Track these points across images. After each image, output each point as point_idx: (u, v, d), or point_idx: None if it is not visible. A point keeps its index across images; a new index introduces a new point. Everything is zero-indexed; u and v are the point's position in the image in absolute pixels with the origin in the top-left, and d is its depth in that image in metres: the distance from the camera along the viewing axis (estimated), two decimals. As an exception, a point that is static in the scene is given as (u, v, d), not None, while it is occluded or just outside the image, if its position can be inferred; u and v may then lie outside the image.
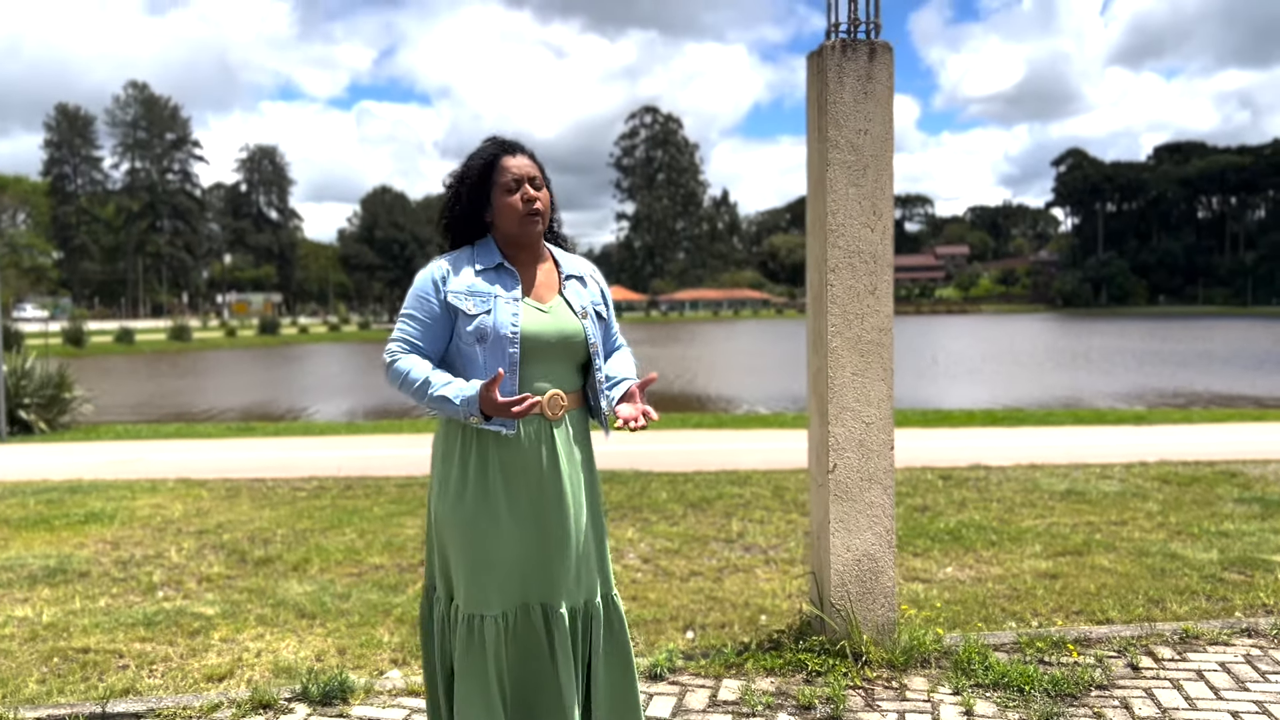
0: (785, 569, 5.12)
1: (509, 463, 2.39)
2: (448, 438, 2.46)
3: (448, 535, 2.42)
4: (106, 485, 7.92)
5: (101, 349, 46.06)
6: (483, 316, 2.38)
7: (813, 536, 3.18)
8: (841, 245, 3.00)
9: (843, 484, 2.99)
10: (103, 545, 5.82)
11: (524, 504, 2.41)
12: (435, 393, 2.31)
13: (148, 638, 4.14)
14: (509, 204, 2.43)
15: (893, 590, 3.06)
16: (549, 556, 2.42)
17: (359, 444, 10.83)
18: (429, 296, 2.43)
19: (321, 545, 5.70)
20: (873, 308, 3.03)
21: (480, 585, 2.38)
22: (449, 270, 2.45)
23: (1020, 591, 4.65)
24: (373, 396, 24.30)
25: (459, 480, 2.40)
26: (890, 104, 2.99)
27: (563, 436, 2.45)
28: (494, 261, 2.46)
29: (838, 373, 2.99)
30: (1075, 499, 6.74)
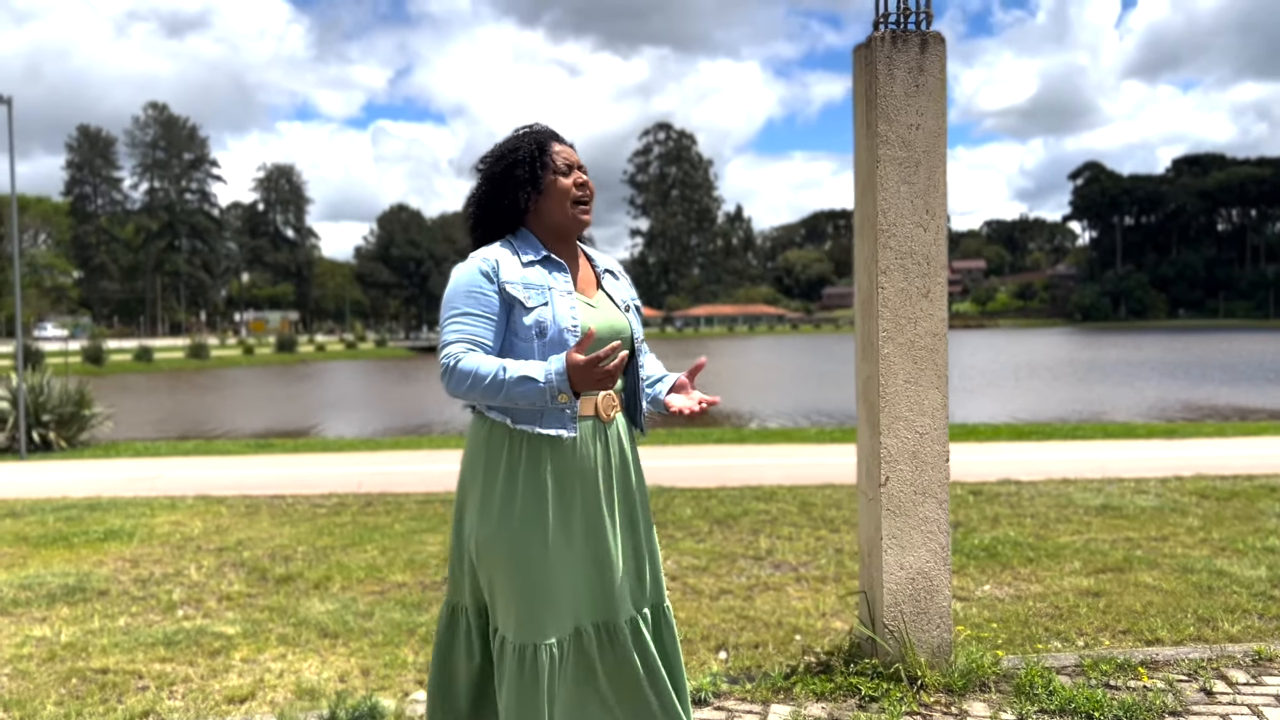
0: (817, 587, 4.97)
1: (565, 471, 2.22)
2: (490, 450, 2.24)
3: (492, 561, 2.22)
4: (125, 502, 7.84)
5: (121, 367, 46.29)
6: (541, 309, 2.19)
7: (862, 553, 3.03)
8: (893, 246, 2.87)
9: (895, 498, 2.85)
10: (122, 563, 5.73)
11: (579, 516, 2.24)
12: (514, 375, 2.06)
13: (168, 658, 4.03)
14: (562, 188, 2.28)
15: (948, 610, 2.91)
16: (605, 572, 2.26)
17: (378, 460, 10.74)
18: (482, 289, 2.20)
19: (343, 563, 5.59)
20: (926, 311, 2.89)
21: (533, 613, 2.19)
22: (497, 261, 2.24)
23: (1063, 610, 4.49)
24: (390, 414, 24.30)
25: (505, 497, 2.20)
26: (943, 97, 2.87)
27: (615, 438, 2.31)
28: (539, 253, 2.28)
29: (889, 380, 2.86)
30: (1111, 514, 6.56)
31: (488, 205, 2.32)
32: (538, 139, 2.31)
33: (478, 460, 2.26)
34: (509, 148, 2.31)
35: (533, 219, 2.33)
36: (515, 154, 2.29)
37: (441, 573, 5.35)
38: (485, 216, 2.34)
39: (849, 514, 6.73)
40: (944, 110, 2.86)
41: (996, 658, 3.15)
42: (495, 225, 2.33)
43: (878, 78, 2.87)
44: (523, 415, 2.20)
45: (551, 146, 2.30)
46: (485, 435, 2.26)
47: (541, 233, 2.32)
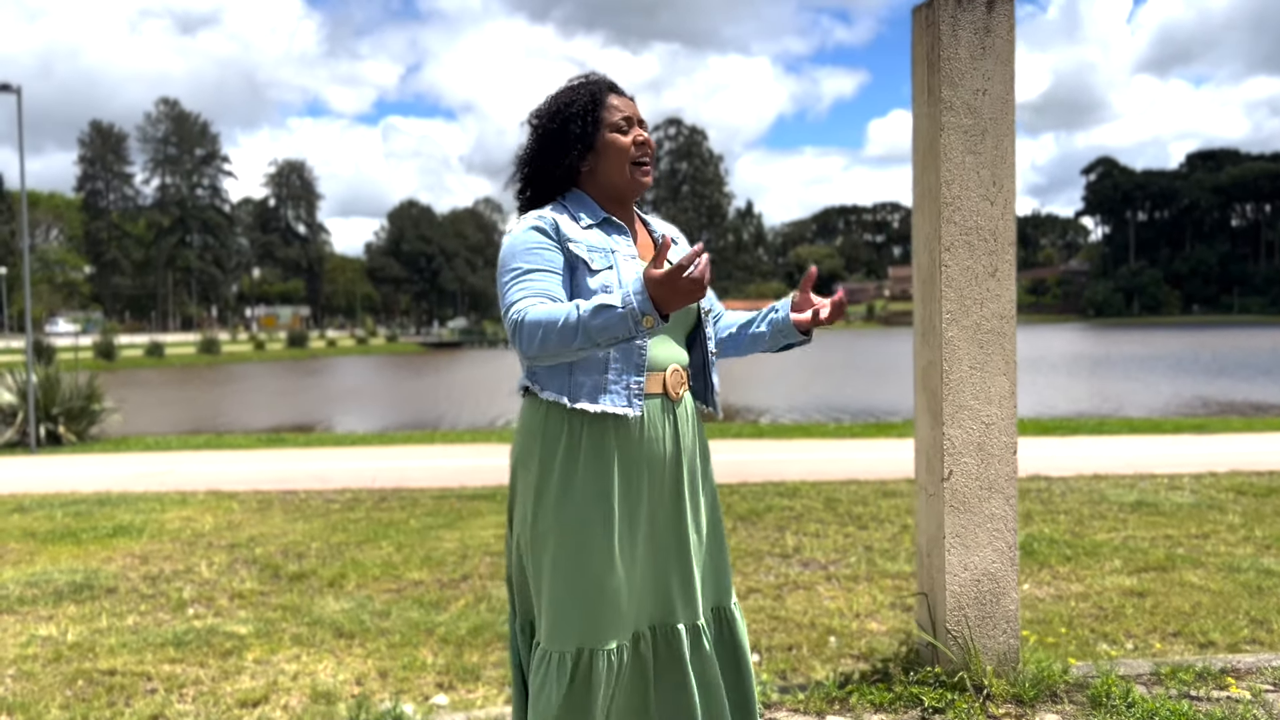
0: (849, 586, 4.80)
1: (631, 456, 1.99)
2: (546, 433, 2.00)
3: (547, 556, 1.98)
4: (135, 497, 7.71)
5: (132, 362, 46.36)
6: (606, 273, 1.98)
7: (920, 552, 2.84)
8: (957, 221, 2.67)
9: (960, 493, 2.65)
10: (131, 559, 5.58)
11: (645, 507, 2.01)
12: (589, 308, 1.79)
13: (177, 659, 3.88)
14: (620, 145, 2.06)
15: (1016, 614, 2.71)
16: (670, 570, 2.04)
17: (391, 455, 10.59)
18: (545, 245, 1.97)
19: (358, 560, 5.44)
20: (993, 292, 2.70)
21: (592, 615, 1.95)
22: (555, 221, 2.01)
23: (1108, 610, 4.31)
24: (402, 409, 24.21)
25: (562, 485, 1.97)
26: (1011, 61, 2.67)
27: (684, 418, 2.08)
28: (598, 215, 2.07)
29: (954, 366, 2.66)
30: (1147, 511, 6.37)
31: (538, 164, 2.10)
32: (593, 91, 2.08)
33: (532, 445, 2.02)
34: (562, 101, 2.08)
35: (587, 180, 2.11)
36: (569, 108, 2.06)
37: (460, 569, 5.19)
38: (535, 176, 2.12)
39: (875, 510, 6.55)
40: (1012, 75, 2.66)
41: (1067, 665, 2.94)
42: (546, 186, 2.11)
43: (940, 39, 2.67)
44: (582, 390, 1.97)
45: (608, 99, 2.08)
46: (541, 417, 2.02)
47: (597, 195, 2.11)
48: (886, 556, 5.29)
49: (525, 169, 2.13)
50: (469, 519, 6.57)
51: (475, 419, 19.41)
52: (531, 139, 2.12)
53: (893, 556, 5.28)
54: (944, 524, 2.65)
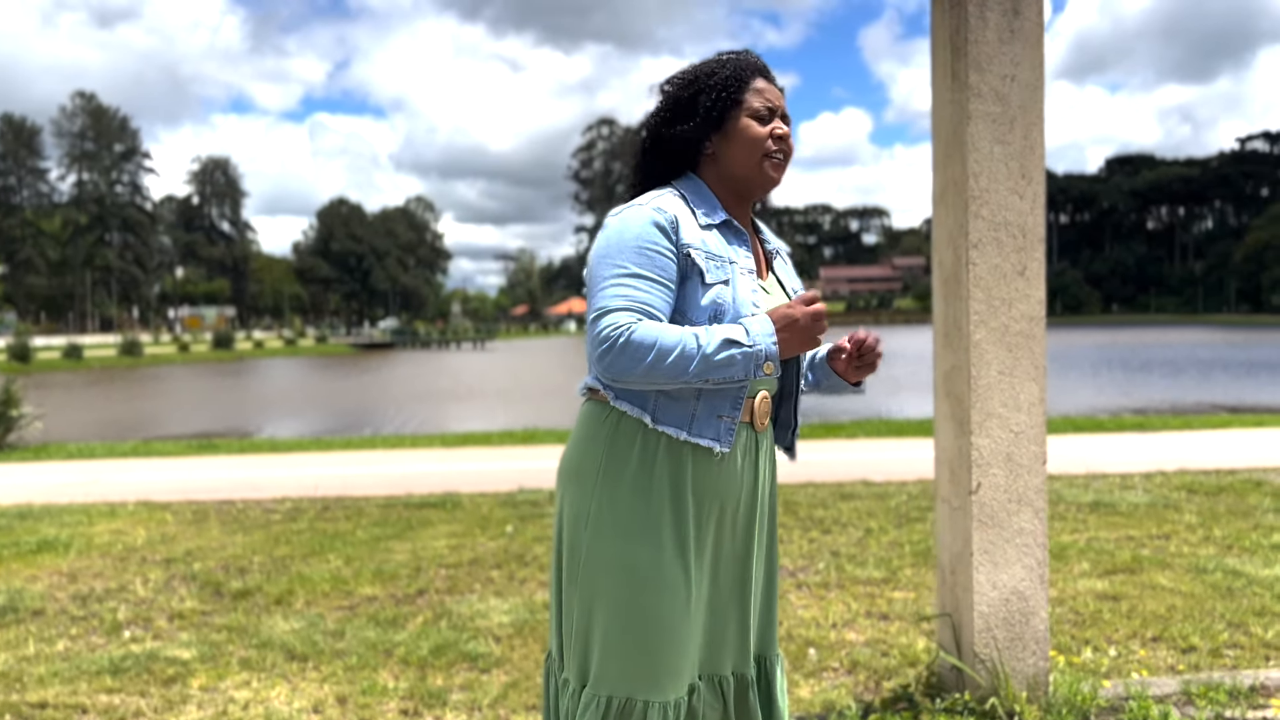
0: (820, 594, 4.68)
1: (707, 490, 1.76)
2: (615, 446, 1.75)
3: (601, 583, 1.74)
4: (60, 510, 7.28)
5: (48, 365, 44.72)
6: (719, 289, 1.73)
7: (943, 570, 2.69)
8: (985, 216, 2.53)
9: (988, 507, 2.51)
10: (58, 578, 5.23)
11: (713, 546, 1.80)
12: (712, 341, 1.62)
13: (115, 688, 3.59)
14: (755, 136, 1.81)
15: (1045, 635, 2.58)
16: (728, 613, 1.84)
17: (331, 461, 10.23)
18: (660, 247, 1.72)
19: (305, 574, 5.16)
20: (1022, 292, 2.56)
21: (650, 662, 1.72)
22: (676, 217, 1.76)
23: (1084, 615, 4.25)
24: (336, 412, 23.65)
25: (630, 506, 1.73)
26: (1041, 45, 2.53)
27: (765, 451, 1.88)
28: (718, 215, 1.83)
29: (982, 371, 2.52)
30: (1106, 511, 6.38)
31: (661, 135, 1.87)
32: (740, 69, 1.85)
33: (595, 455, 1.77)
34: (703, 71, 1.87)
35: (707, 166, 1.88)
36: (707, 79, 1.84)
37: (415, 583, 4.95)
38: (654, 148, 1.89)
39: (836, 513, 6.45)
40: (1042, 60, 2.53)
41: (1098, 687, 2.82)
42: (663, 162, 1.89)
43: (967, 20, 2.52)
44: (668, 414, 1.73)
45: (754, 82, 1.85)
46: (610, 429, 1.77)
47: (717, 187, 1.87)
48: (855, 562, 5.19)
49: (645, 139, 1.91)
50: (419, 529, 6.32)
51: (414, 422, 19.01)
52: (658, 106, 1.89)
53: (860, 562, 5.18)
54: (971, 540, 2.51)
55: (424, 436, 13.23)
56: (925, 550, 5.36)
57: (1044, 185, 2.57)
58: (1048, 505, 6.45)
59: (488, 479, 8.46)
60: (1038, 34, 2.52)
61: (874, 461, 9.07)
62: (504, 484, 8.07)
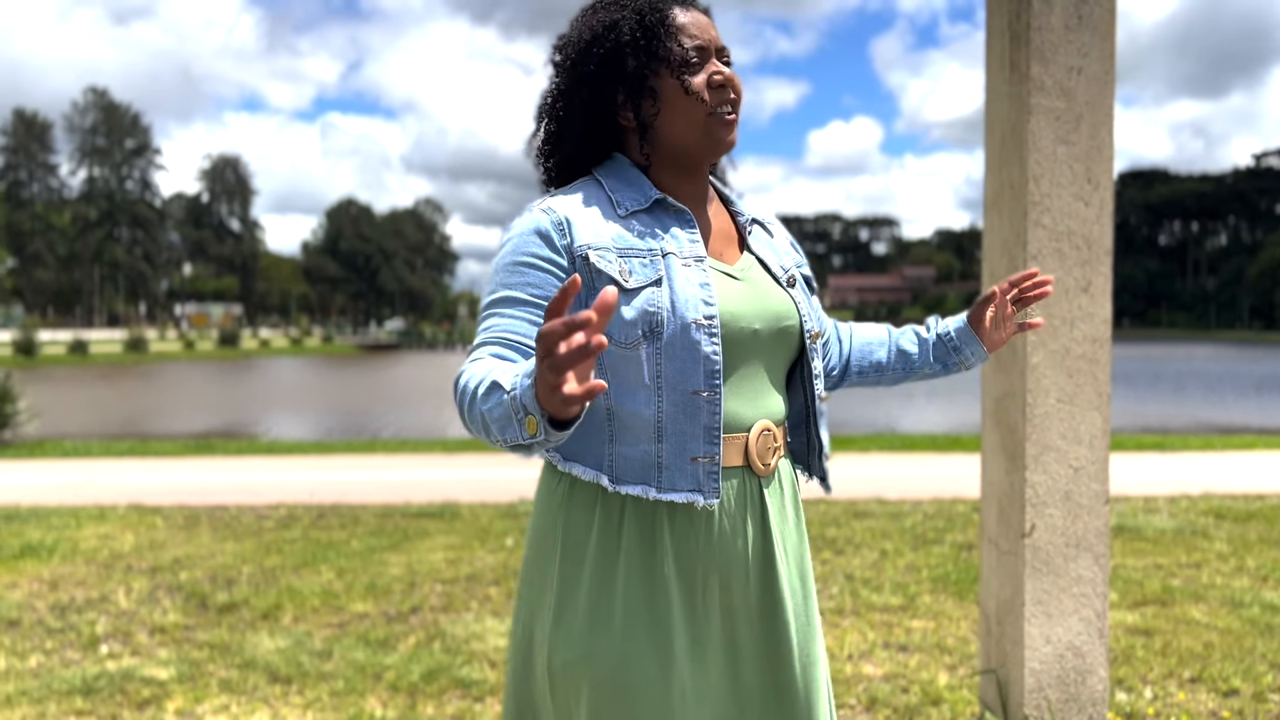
0: (834, 621, 4.44)
1: (695, 559, 1.34)
2: (569, 520, 1.36)
3: (573, 686, 1.33)
4: (49, 512, 7.07)
5: (54, 360, 44.65)
6: (650, 292, 1.30)
7: (987, 620, 2.44)
8: (1046, 224, 2.26)
9: (1042, 551, 2.25)
10: (39, 585, 5.01)
11: (718, 628, 1.36)
12: (483, 383, 1.16)
13: (85, 710, 3.37)
14: (691, 92, 1.35)
15: (1104, 697, 2.32)
16: (754, 709, 1.38)
17: (329, 465, 10.02)
18: (539, 259, 1.31)
19: (294, 587, 4.94)
20: (1086, 310, 2.29)
21: None
22: (566, 217, 1.33)
23: (1116, 652, 4.00)
24: (339, 414, 23.45)
25: (595, 598, 1.32)
26: (1113, 34, 2.25)
27: (776, 502, 1.41)
28: (648, 196, 1.37)
29: (1039, 399, 2.25)
30: (1130, 536, 6.13)
31: (566, 121, 1.41)
32: (643, 7, 1.38)
33: (551, 535, 1.38)
34: (599, 24, 1.38)
35: (631, 140, 1.42)
36: (609, 35, 1.37)
37: (409, 600, 4.72)
38: (562, 138, 1.43)
39: (850, 533, 6.21)
40: (1113, 51, 2.27)
41: None
42: (580, 152, 1.43)
43: (1030, 4, 2.24)
44: (629, 470, 1.32)
45: (670, 18, 1.37)
46: (562, 498, 1.37)
47: (652, 161, 1.41)
48: (870, 587, 4.94)
49: (549, 129, 1.44)
50: (415, 540, 6.09)
51: (417, 426, 18.79)
52: (556, 84, 1.43)
53: (876, 587, 4.94)
54: (1024, 588, 2.25)
55: (425, 441, 13.01)
56: (943, 575, 5.11)
57: (1112, 192, 2.31)
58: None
59: (488, 488, 8.23)
60: (1109, 21, 2.25)
61: (887, 478, 8.82)
62: (505, 494, 7.84)
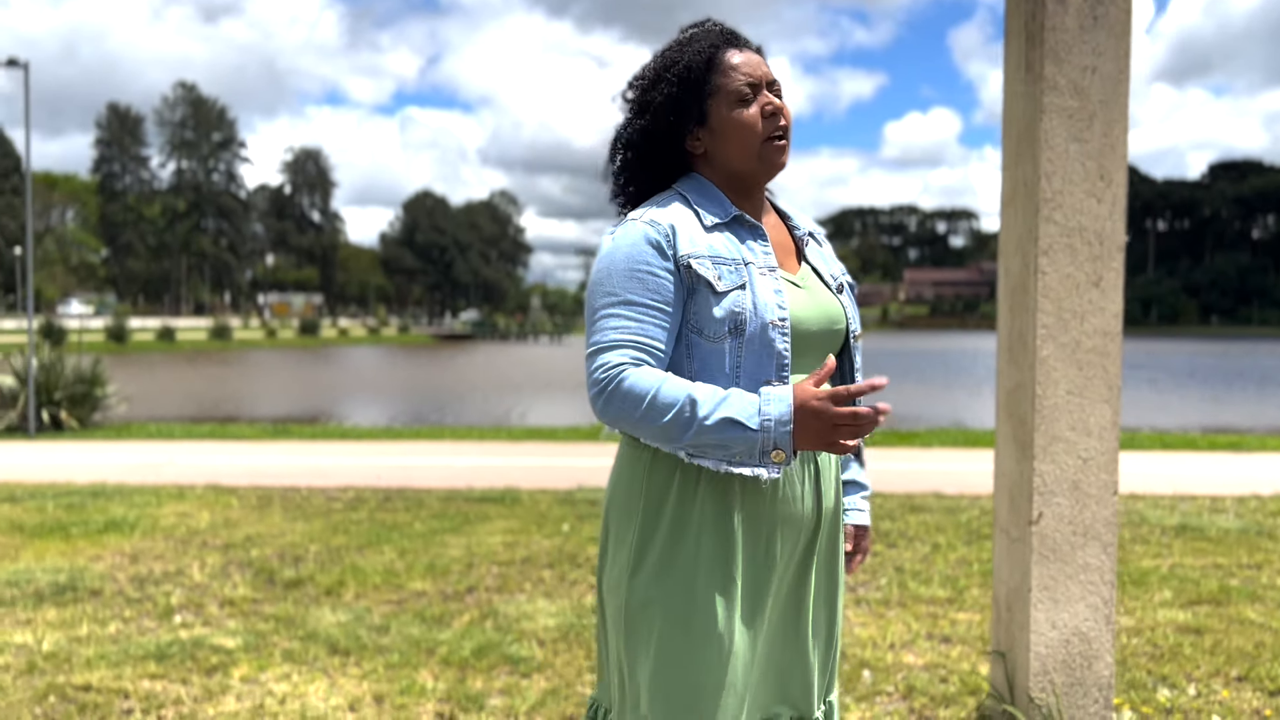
0: (880, 612, 4.48)
1: (761, 518, 1.55)
2: (652, 481, 1.57)
3: (644, 622, 1.55)
4: (132, 490, 7.43)
5: (143, 346, 46.29)
6: (737, 295, 1.52)
7: (998, 605, 2.50)
8: (1058, 220, 2.32)
9: (1050, 539, 2.30)
10: (120, 558, 5.30)
11: (776, 580, 1.59)
12: (712, 416, 1.41)
13: (158, 674, 3.58)
14: (743, 121, 1.58)
15: (1110, 681, 2.37)
16: (785, 651, 1.63)
17: (398, 451, 10.30)
18: (654, 267, 1.51)
19: (358, 565, 5.14)
20: (1097, 304, 2.34)
21: (698, 706, 1.54)
22: (672, 227, 1.54)
23: (1163, 649, 3.98)
24: (411, 402, 23.96)
25: (669, 546, 1.54)
26: (1128, 34, 2.29)
27: (827, 469, 1.63)
28: (728, 212, 1.60)
29: (1048, 391, 2.31)
30: (1193, 535, 6.03)
31: (640, 150, 1.64)
32: (703, 47, 1.61)
33: (633, 492, 1.59)
34: (664, 64, 1.62)
35: (703, 164, 1.65)
36: (670, 73, 1.61)
37: (465, 580, 4.89)
38: (636, 165, 1.66)
39: (903, 526, 6.22)
40: (1128, 51, 2.30)
41: None
42: (651, 173, 1.66)
43: (1044, 5, 2.30)
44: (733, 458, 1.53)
45: (725, 58, 1.60)
46: (645, 467, 1.58)
47: (720, 182, 1.64)
48: (919, 579, 4.97)
49: (625, 157, 1.67)
50: (476, 524, 6.28)
51: (485, 415, 19.12)
52: (630, 118, 1.66)
53: (925, 580, 4.96)
54: (1030, 575, 2.31)
55: (490, 429, 13.27)
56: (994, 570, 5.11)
57: (1125, 188, 2.34)
58: (1127, 532, 6.14)
59: (549, 475, 8.40)
60: (1124, 21, 2.28)
61: (947, 473, 8.77)
62: (564, 481, 8.00)
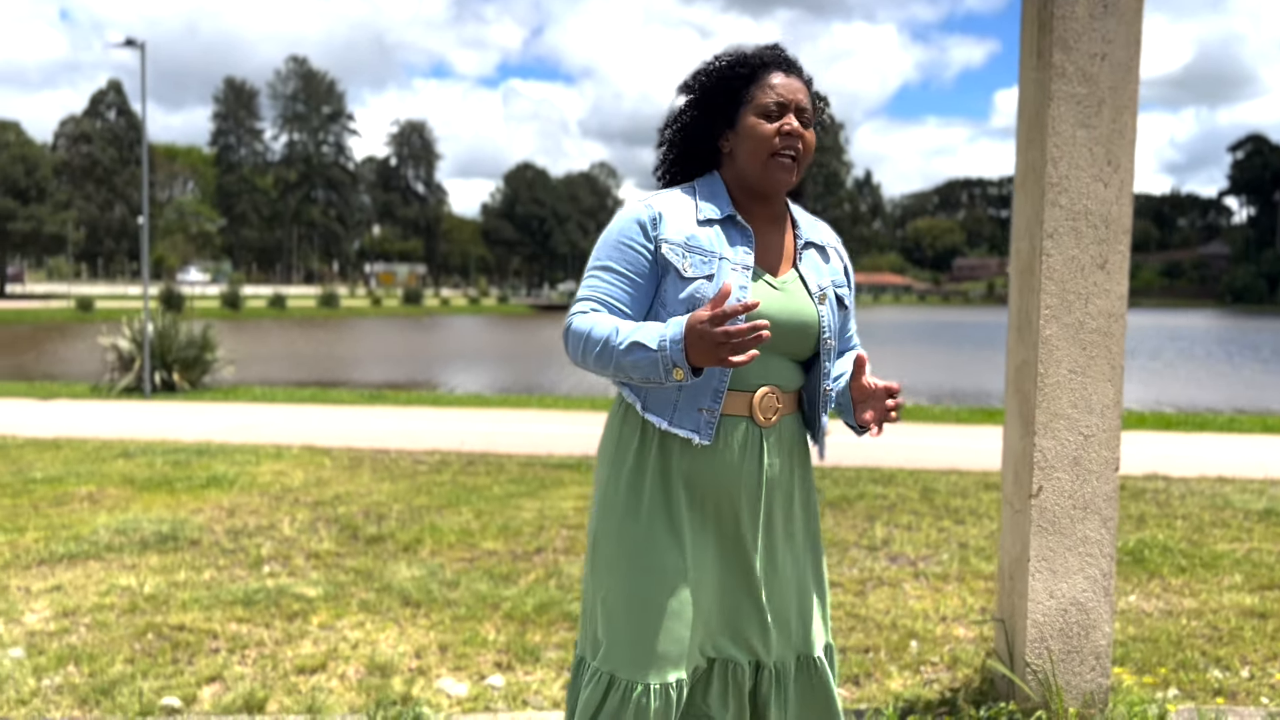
0: (938, 586, 4.52)
1: (699, 483, 1.80)
2: (623, 436, 1.85)
3: (607, 563, 1.82)
4: (233, 449, 7.88)
5: (255, 313, 48.18)
6: (701, 283, 1.76)
7: (1002, 574, 2.56)
8: (1063, 204, 2.35)
9: (1049, 512, 2.35)
10: (218, 512, 5.67)
11: (714, 539, 1.82)
12: (625, 340, 1.67)
13: (245, 618, 3.88)
14: (760, 132, 1.80)
15: (1107, 650, 2.40)
16: (741, 603, 1.84)
17: (486, 418, 10.62)
18: (634, 243, 1.80)
19: (436, 525, 5.40)
20: (1101, 286, 2.37)
21: (649, 641, 1.76)
22: (660, 214, 1.81)
23: (1223, 632, 3.93)
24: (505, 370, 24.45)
25: (630, 492, 1.81)
26: (1138, 21, 2.29)
27: (775, 447, 1.84)
28: (722, 211, 1.83)
29: (1050, 369, 2.36)
30: (1276, 521, 5.86)
31: (680, 134, 1.91)
32: (753, 63, 1.84)
33: (609, 444, 1.89)
34: (716, 67, 1.87)
35: (727, 164, 1.89)
36: (718, 76, 1.85)
37: (535, 541, 5.10)
38: (678, 148, 1.92)
39: (975, 503, 6.20)
40: (1138, 37, 2.30)
41: (1165, 711, 2.62)
42: (688, 162, 1.92)
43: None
44: (652, 401, 1.80)
45: (768, 77, 1.83)
46: (619, 418, 1.88)
47: (733, 183, 1.88)
48: (982, 556, 4.98)
49: (670, 139, 1.92)
50: (551, 488, 6.49)
51: (575, 385, 19.46)
52: (678, 105, 1.90)
53: (989, 556, 4.97)
54: (1029, 545, 2.36)
55: (573, 399, 13.54)
56: (1061, 548, 5.08)
57: (1133, 173, 2.33)
58: (1208, 515, 5.99)
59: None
60: (1135, 8, 2.26)
61: (1030, 451, 8.63)
62: (643, 450, 8.17)
